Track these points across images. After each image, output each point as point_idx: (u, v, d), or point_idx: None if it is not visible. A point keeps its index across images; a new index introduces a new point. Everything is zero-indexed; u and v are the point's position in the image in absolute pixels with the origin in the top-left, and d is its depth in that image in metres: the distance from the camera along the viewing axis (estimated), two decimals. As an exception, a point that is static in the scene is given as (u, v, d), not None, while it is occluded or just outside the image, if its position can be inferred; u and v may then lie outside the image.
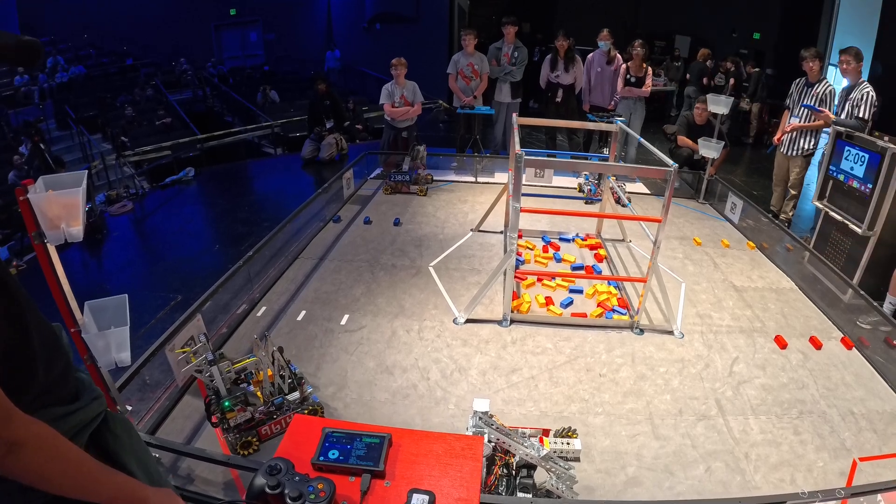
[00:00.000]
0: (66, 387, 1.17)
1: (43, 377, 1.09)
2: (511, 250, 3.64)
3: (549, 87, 7.60)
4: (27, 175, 7.24)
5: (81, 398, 1.19)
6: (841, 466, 2.66)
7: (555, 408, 3.01)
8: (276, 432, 2.72)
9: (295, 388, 2.73)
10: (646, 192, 6.64)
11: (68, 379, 1.18)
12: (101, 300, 2.10)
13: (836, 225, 4.78)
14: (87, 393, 1.22)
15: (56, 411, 1.10)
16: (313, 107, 8.31)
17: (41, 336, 1.10)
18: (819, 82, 5.55)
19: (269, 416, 2.66)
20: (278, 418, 2.69)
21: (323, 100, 8.20)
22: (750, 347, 3.61)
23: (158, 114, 12.79)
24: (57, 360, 1.14)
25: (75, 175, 1.90)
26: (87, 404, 1.19)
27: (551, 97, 7.57)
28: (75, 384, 1.20)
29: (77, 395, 1.19)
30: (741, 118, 10.69)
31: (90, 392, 1.23)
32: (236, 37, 20.01)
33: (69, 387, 1.18)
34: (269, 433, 2.70)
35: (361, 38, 16.96)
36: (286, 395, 2.69)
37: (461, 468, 1.53)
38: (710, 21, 13.37)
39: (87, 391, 1.22)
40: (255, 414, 2.61)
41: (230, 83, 16.32)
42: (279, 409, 2.68)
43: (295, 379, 2.76)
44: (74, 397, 1.18)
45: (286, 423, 2.70)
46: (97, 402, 1.23)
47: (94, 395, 1.23)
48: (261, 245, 4.19)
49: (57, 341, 1.17)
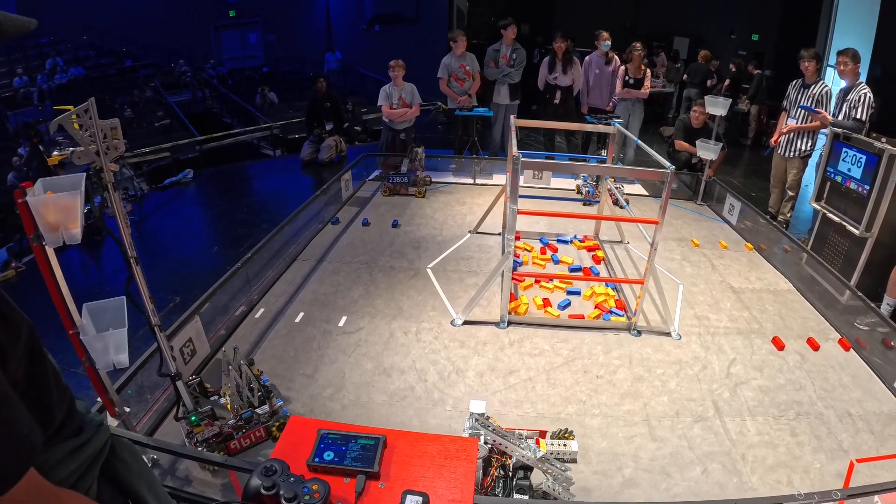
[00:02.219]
0: (74, 419, 1.13)
1: (57, 413, 1.06)
2: (509, 252, 3.65)
3: (548, 88, 7.60)
4: (26, 176, 7.25)
5: (86, 429, 1.16)
6: (838, 468, 2.67)
7: (552, 409, 3.01)
8: (245, 446, 2.67)
9: (264, 402, 2.72)
10: (644, 194, 6.64)
11: (74, 411, 1.15)
12: (100, 302, 2.11)
13: (833, 226, 4.79)
14: (91, 421, 1.19)
15: (68, 446, 1.07)
16: (312, 107, 8.27)
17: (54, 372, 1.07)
18: (816, 83, 5.56)
19: (237, 430, 2.63)
20: (247, 432, 2.65)
21: (323, 101, 8.15)
22: (747, 349, 3.61)
23: (157, 115, 12.81)
24: (64, 395, 1.11)
25: (74, 177, 1.91)
26: (93, 434, 1.16)
27: (549, 99, 7.57)
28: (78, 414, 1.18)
29: (81, 425, 1.15)
30: (740, 119, 10.69)
31: (93, 420, 1.20)
32: (236, 38, 20.04)
33: (75, 419, 1.14)
34: (239, 447, 2.65)
35: (360, 39, 16.98)
36: (255, 409, 2.68)
37: (455, 470, 1.54)
38: (709, 22, 13.40)
39: (90, 420, 1.19)
40: (224, 428, 2.59)
41: (229, 84, 16.34)
42: (248, 423, 2.65)
43: (265, 392, 2.75)
44: (79, 428, 1.15)
45: (255, 438, 2.69)
46: (102, 430, 1.20)
47: (97, 423, 1.20)
48: (259, 247, 4.20)
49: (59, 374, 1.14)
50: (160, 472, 2.47)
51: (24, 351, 0.97)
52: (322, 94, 8.15)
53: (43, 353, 1.04)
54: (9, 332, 0.92)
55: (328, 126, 8.18)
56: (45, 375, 1.02)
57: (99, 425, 1.19)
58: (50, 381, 1.03)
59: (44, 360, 1.03)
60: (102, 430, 1.19)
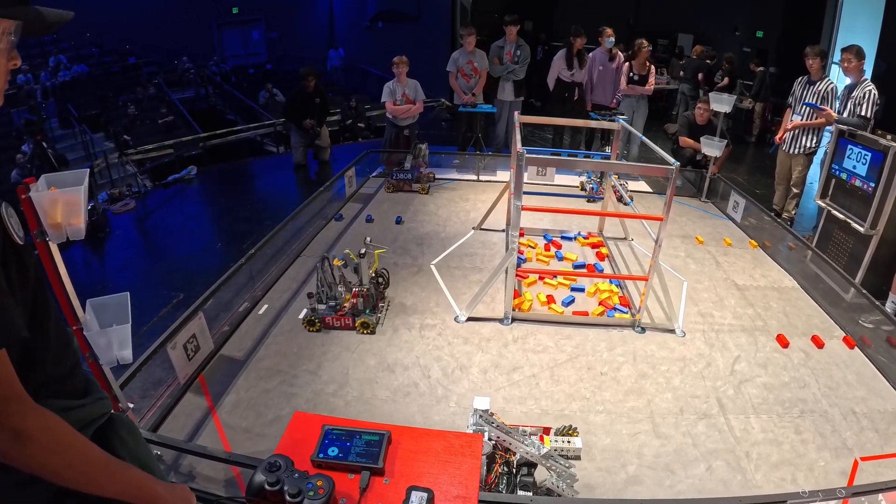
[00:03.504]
0: (74, 382, 1.20)
1: (51, 369, 1.12)
2: (513, 248, 3.64)
3: (561, 85, 7.54)
4: (29, 173, 7.26)
5: (88, 396, 1.23)
6: (842, 466, 2.66)
7: (556, 406, 3.01)
8: (335, 326, 3.58)
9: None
10: (648, 191, 6.63)
11: (76, 376, 1.22)
12: (103, 298, 2.10)
13: (838, 223, 4.77)
14: (94, 393, 1.25)
15: (61, 403, 1.11)
16: (295, 102, 7.87)
17: (57, 332, 1.15)
18: (821, 80, 5.54)
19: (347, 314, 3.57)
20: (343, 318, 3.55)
21: (312, 97, 7.76)
22: (752, 346, 3.60)
23: (161, 112, 12.80)
24: (66, 359, 1.18)
25: (77, 173, 1.91)
26: (92, 402, 1.22)
27: (568, 97, 7.52)
28: (84, 383, 1.24)
29: (85, 393, 1.23)
30: (744, 117, 10.65)
31: (97, 393, 1.26)
32: (238, 35, 20.02)
33: (77, 383, 1.21)
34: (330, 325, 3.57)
35: (363, 36, 16.96)
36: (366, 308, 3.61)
37: (460, 466, 1.53)
38: (713, 19, 13.33)
39: (93, 391, 1.26)
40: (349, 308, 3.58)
41: (232, 82, 16.33)
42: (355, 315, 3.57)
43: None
44: (82, 394, 1.21)
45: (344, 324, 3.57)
46: (102, 402, 1.26)
47: (99, 396, 1.27)
48: (262, 243, 4.20)
49: (68, 342, 1.21)
50: (164, 468, 2.47)
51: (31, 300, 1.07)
52: (311, 91, 7.78)
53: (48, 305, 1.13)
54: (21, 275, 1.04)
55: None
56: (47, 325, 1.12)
57: (99, 398, 1.26)
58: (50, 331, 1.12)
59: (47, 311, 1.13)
60: (100, 403, 1.25)
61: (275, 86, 14.16)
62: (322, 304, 3.63)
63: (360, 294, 3.58)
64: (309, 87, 7.75)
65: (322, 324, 3.57)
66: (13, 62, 1.11)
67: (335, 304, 3.62)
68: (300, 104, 7.80)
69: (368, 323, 3.54)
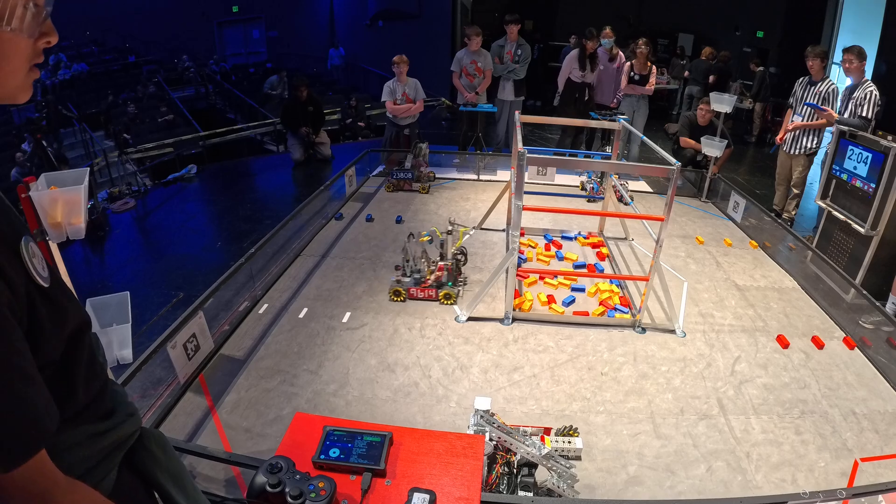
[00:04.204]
0: (104, 404, 1.11)
1: (83, 395, 1.03)
2: (513, 248, 3.63)
3: (572, 86, 7.52)
4: (29, 172, 7.25)
5: (116, 414, 1.14)
6: (842, 467, 2.66)
7: (556, 406, 3.01)
8: (418, 297, 3.92)
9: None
10: (648, 191, 6.63)
11: (105, 395, 1.13)
12: (104, 297, 2.11)
13: (838, 224, 4.77)
14: (122, 408, 1.16)
15: (91, 429, 1.05)
16: (288, 110, 8.14)
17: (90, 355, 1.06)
18: (822, 81, 5.53)
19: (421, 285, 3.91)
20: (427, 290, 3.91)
21: (305, 105, 8.01)
22: (752, 347, 3.60)
23: (161, 111, 12.77)
24: (96, 378, 1.09)
25: (77, 172, 1.91)
26: (122, 421, 1.14)
27: (579, 97, 7.51)
28: (111, 400, 1.15)
29: (112, 411, 1.13)
30: (744, 117, 10.65)
31: (125, 408, 1.17)
32: (239, 34, 20.00)
33: (105, 404, 1.12)
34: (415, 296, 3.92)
35: (364, 35, 16.93)
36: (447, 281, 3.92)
37: (462, 467, 1.53)
38: (714, 19, 13.33)
39: (122, 407, 1.16)
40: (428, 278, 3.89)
41: (233, 80, 16.31)
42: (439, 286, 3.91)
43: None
44: (110, 413, 1.13)
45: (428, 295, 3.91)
46: (132, 420, 1.18)
47: (129, 412, 1.17)
48: (263, 242, 4.19)
49: (95, 355, 1.10)
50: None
51: (67, 336, 0.97)
52: (303, 101, 8.02)
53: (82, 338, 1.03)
54: (54, 316, 0.93)
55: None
56: (80, 356, 1.02)
57: (130, 415, 1.17)
58: (82, 361, 1.02)
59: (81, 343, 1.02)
60: (131, 420, 1.17)
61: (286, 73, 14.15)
62: (407, 277, 3.94)
63: (445, 268, 3.89)
64: (301, 96, 7.97)
65: (407, 294, 3.92)
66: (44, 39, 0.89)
67: (419, 276, 3.92)
68: (294, 113, 8.04)
69: (451, 294, 3.88)
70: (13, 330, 0.82)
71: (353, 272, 4.37)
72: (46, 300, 0.92)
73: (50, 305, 0.92)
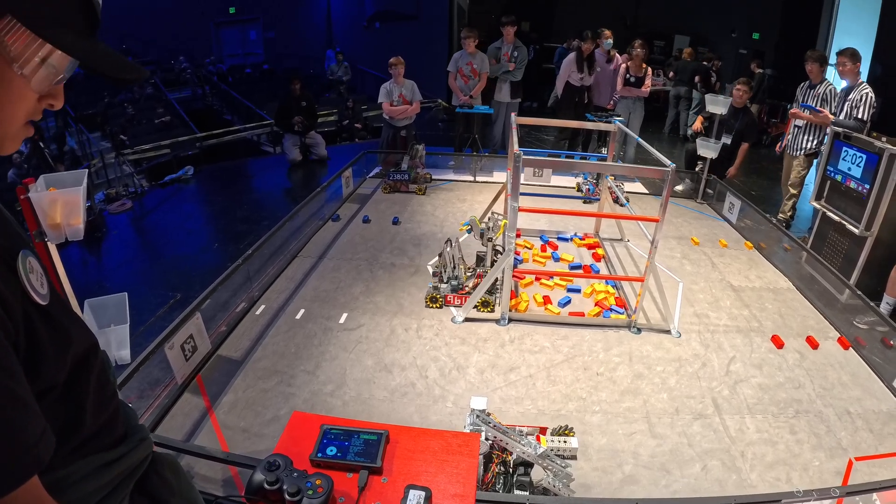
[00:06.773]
0: (115, 430, 1.05)
1: (91, 421, 0.97)
2: (509, 249, 3.65)
3: (571, 89, 7.54)
4: (26, 173, 7.24)
5: (128, 440, 1.07)
6: (837, 466, 2.68)
7: (552, 406, 3.02)
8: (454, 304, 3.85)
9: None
10: (644, 192, 6.65)
11: (117, 420, 1.06)
12: (101, 298, 2.11)
13: (833, 225, 4.80)
14: (134, 433, 1.10)
15: (100, 459, 0.99)
16: (285, 107, 8.36)
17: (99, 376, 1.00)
18: (821, 83, 5.59)
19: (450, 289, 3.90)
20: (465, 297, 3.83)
21: (298, 101, 8.29)
22: (747, 347, 3.62)
23: (157, 112, 12.77)
24: (107, 402, 1.03)
25: (76, 174, 1.91)
26: (133, 447, 1.07)
27: (578, 101, 7.53)
28: (123, 426, 1.09)
29: (124, 436, 1.07)
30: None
31: (137, 431, 1.11)
32: (236, 35, 19.97)
33: (117, 429, 1.06)
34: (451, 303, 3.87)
35: (361, 36, 16.95)
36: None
37: (458, 465, 1.55)
38: (710, 21, 13.39)
39: (133, 431, 1.11)
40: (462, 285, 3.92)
41: (229, 81, 16.30)
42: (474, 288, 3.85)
43: None
44: (121, 439, 1.06)
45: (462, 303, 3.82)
46: (144, 445, 1.11)
47: (140, 436, 1.11)
48: (260, 243, 4.20)
49: (106, 379, 1.03)
50: None
51: (72, 360, 0.92)
52: (297, 95, 8.30)
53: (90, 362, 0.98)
54: (55, 336, 0.88)
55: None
56: (87, 381, 0.97)
57: (141, 440, 1.11)
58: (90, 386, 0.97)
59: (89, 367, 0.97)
60: (143, 446, 1.11)
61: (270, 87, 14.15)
62: (444, 283, 3.93)
63: (483, 276, 3.86)
64: (295, 91, 8.29)
65: (444, 301, 3.87)
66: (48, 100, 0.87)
67: (457, 283, 3.92)
68: (288, 111, 8.29)
69: (489, 302, 3.80)
70: (3, 350, 0.76)
71: (350, 273, 4.37)
72: (45, 320, 0.87)
73: (50, 326, 0.87)
